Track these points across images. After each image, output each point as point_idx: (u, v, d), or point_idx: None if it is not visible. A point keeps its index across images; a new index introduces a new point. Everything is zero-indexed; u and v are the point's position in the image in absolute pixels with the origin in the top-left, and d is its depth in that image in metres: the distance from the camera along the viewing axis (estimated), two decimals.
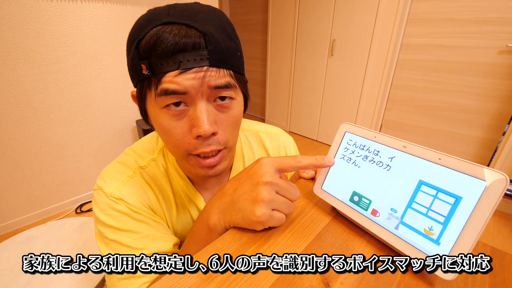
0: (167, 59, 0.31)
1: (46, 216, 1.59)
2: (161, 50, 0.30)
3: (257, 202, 0.29)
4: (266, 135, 0.56)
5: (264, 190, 0.30)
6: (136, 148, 0.48)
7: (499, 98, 1.69)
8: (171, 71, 0.31)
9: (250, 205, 0.30)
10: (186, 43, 0.31)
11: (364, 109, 2.33)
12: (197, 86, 0.32)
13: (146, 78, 0.33)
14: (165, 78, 0.32)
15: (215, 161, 0.38)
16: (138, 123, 1.76)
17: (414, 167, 0.31)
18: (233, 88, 0.35)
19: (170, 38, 0.30)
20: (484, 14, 1.62)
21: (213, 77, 0.33)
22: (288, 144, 0.57)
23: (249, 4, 3.09)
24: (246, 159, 0.53)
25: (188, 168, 0.40)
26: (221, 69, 0.33)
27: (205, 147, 0.35)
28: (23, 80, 1.31)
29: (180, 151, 0.37)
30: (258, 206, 0.29)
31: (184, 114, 0.34)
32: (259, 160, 0.32)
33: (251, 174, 0.32)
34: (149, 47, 0.31)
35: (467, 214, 0.26)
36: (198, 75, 0.32)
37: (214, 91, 0.34)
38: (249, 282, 0.28)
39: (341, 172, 0.38)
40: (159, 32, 0.31)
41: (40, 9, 1.28)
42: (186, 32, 0.31)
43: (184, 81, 0.32)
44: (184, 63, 0.31)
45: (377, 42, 2.08)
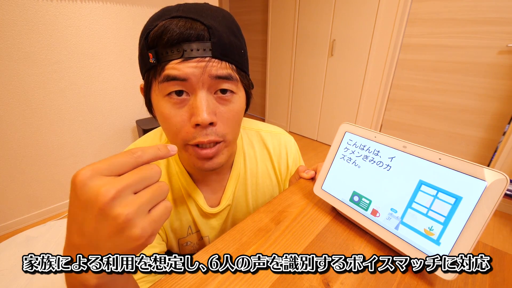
0: (171, 48, 0.33)
1: (46, 216, 1.59)
2: (166, 39, 0.32)
3: (123, 228, 0.21)
4: (267, 133, 0.56)
5: (118, 209, 0.20)
6: (139, 144, 0.49)
7: (499, 98, 1.69)
8: (175, 59, 0.33)
9: (118, 237, 0.21)
10: (190, 33, 0.32)
11: (364, 109, 2.33)
12: (198, 74, 0.33)
13: (152, 66, 0.35)
14: (169, 65, 0.33)
15: (211, 153, 0.38)
16: (138, 123, 1.76)
17: (414, 167, 0.31)
18: (234, 81, 0.36)
19: (176, 28, 0.32)
20: (484, 14, 1.62)
21: (215, 67, 0.34)
22: (289, 144, 0.58)
23: (249, 4, 3.09)
24: (247, 157, 0.53)
25: (187, 159, 0.41)
26: (223, 62, 0.35)
27: (202, 136, 0.36)
28: (23, 80, 1.31)
29: (179, 140, 0.37)
30: (129, 230, 0.21)
31: (184, 103, 0.35)
32: (77, 178, 0.21)
33: (83, 204, 0.21)
34: (156, 37, 0.33)
35: (467, 214, 0.26)
36: (200, 64, 0.33)
37: (215, 81, 0.35)
38: (249, 282, 0.28)
39: (341, 172, 0.38)
40: (166, 23, 0.33)
41: (40, 9, 1.28)
42: (192, 25, 0.33)
43: (186, 68, 0.33)
44: (187, 52, 0.33)
45: (377, 42, 2.08)
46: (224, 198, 0.51)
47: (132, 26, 1.61)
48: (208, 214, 0.50)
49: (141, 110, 1.81)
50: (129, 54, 1.64)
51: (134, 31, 1.62)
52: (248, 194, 0.54)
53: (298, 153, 0.60)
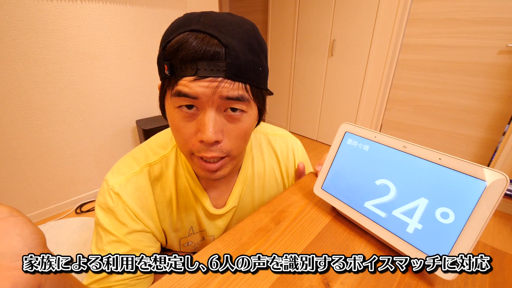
0: (186, 65, 0.33)
1: (46, 216, 1.59)
2: (181, 55, 0.33)
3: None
4: (275, 137, 0.57)
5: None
6: (151, 143, 0.50)
7: (499, 98, 1.69)
8: (188, 76, 0.33)
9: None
10: (205, 52, 0.32)
11: (364, 109, 2.33)
12: (209, 94, 0.33)
13: (167, 77, 0.35)
14: (182, 81, 0.34)
15: (214, 167, 0.39)
16: (138, 123, 1.76)
17: (414, 167, 0.31)
18: (245, 102, 0.36)
19: (192, 45, 0.32)
20: (484, 14, 1.62)
21: (226, 89, 0.34)
22: (296, 147, 0.58)
23: (249, 4, 3.09)
24: (255, 160, 0.54)
25: (193, 166, 0.42)
26: (236, 82, 0.34)
27: (206, 152, 0.37)
28: (23, 80, 1.31)
29: (186, 150, 0.39)
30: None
31: (194, 117, 0.36)
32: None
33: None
34: (173, 51, 0.33)
35: (467, 214, 0.26)
36: (212, 84, 0.33)
37: (225, 102, 0.35)
38: (249, 282, 0.28)
39: (341, 172, 0.38)
40: (184, 38, 0.33)
41: (40, 9, 1.28)
42: (208, 41, 0.32)
43: (197, 87, 0.33)
44: (201, 71, 0.33)
45: (377, 42, 2.08)
46: (230, 199, 0.51)
47: (132, 26, 1.61)
48: (213, 215, 0.51)
49: (141, 110, 1.81)
50: (129, 54, 1.64)
51: (134, 31, 1.62)
52: (255, 196, 0.55)
53: (305, 156, 0.61)
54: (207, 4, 1.92)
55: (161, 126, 1.68)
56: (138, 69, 1.71)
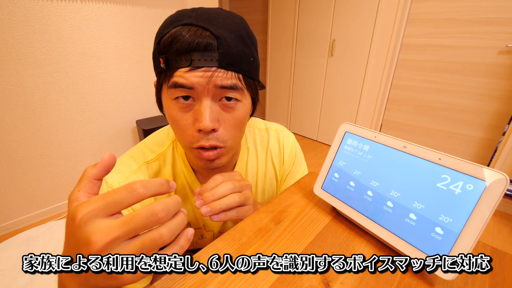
0: (180, 56, 0.34)
1: (46, 216, 1.59)
2: (176, 48, 0.34)
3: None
4: (268, 131, 0.58)
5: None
6: (148, 141, 0.51)
7: (499, 98, 1.69)
8: (183, 67, 0.34)
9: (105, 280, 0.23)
10: (199, 43, 0.34)
11: (364, 109, 2.33)
12: (204, 84, 0.35)
13: (163, 71, 0.37)
14: (177, 73, 0.35)
15: (213, 155, 0.40)
16: (138, 123, 1.75)
17: (414, 167, 0.31)
18: (239, 90, 0.37)
19: (185, 38, 0.33)
20: (484, 14, 1.62)
21: (220, 78, 0.35)
22: (287, 141, 0.58)
23: (249, 4, 3.09)
24: (250, 155, 0.55)
25: (192, 158, 0.43)
26: (229, 71, 0.36)
27: (204, 141, 0.38)
28: (23, 80, 1.31)
29: (184, 141, 0.40)
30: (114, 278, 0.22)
31: (190, 108, 0.37)
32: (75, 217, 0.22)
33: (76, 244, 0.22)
34: (167, 44, 0.35)
35: (467, 214, 0.26)
36: (206, 74, 0.34)
37: (220, 91, 0.36)
38: (249, 282, 0.28)
39: (341, 172, 0.38)
40: (178, 31, 0.34)
41: (40, 9, 1.28)
42: (201, 34, 0.34)
43: (192, 77, 0.34)
44: (195, 61, 0.34)
45: (377, 42, 2.08)
46: None
47: (132, 26, 1.61)
48: None
49: (141, 110, 1.81)
50: (129, 54, 1.64)
51: (134, 31, 1.62)
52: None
53: (297, 149, 0.60)
54: (207, 4, 1.92)
55: (161, 126, 1.68)
56: (138, 69, 1.71)
